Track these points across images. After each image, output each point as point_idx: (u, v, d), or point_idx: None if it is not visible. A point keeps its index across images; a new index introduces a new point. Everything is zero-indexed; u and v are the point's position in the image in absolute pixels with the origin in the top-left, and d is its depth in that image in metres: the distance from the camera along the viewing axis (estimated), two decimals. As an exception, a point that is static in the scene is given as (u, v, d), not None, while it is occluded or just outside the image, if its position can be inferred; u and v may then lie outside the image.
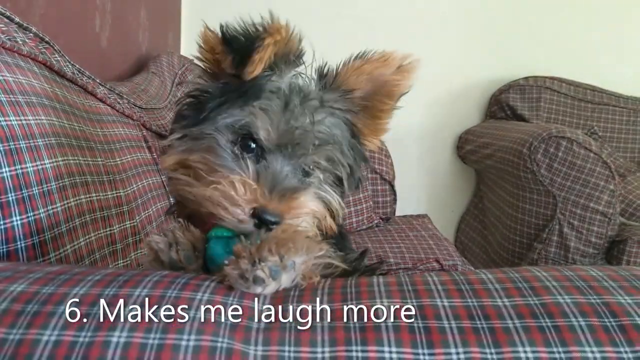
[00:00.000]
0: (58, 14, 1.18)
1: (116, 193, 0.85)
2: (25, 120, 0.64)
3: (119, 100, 1.08)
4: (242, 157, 0.57)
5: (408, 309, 0.40)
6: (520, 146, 1.98)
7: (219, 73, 0.60)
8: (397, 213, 2.11)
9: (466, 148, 2.41)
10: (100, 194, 0.79)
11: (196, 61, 0.63)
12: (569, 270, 0.45)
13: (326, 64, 0.63)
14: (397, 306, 0.40)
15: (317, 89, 0.61)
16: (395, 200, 2.06)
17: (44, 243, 0.63)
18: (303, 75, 0.62)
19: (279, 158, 0.57)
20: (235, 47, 0.56)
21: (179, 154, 0.59)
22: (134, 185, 0.96)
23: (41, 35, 0.83)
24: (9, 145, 0.60)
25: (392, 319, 0.39)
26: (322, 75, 0.62)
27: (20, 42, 0.72)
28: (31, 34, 0.80)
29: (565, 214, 1.96)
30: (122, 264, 0.83)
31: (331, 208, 0.62)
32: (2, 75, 0.63)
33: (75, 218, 0.70)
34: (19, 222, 0.60)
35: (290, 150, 0.57)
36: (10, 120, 0.61)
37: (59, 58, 0.85)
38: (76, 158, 0.74)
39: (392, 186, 2.05)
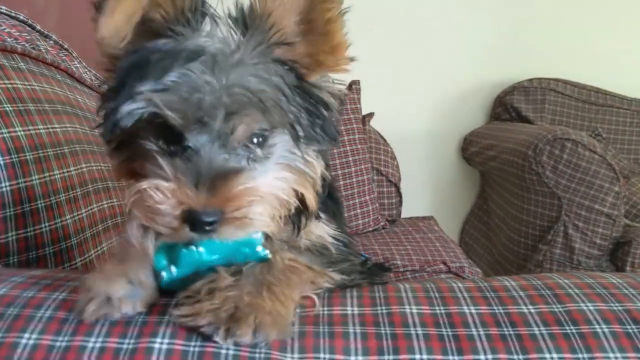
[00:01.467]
0: (71, 19, 1.19)
1: (134, 198, 0.87)
2: (52, 128, 0.65)
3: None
4: (165, 152, 0.46)
5: (436, 316, 0.41)
6: (525, 148, 2.00)
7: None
8: (402, 214, 2.12)
9: (471, 150, 2.42)
10: (122, 199, 0.80)
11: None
12: (590, 278, 0.47)
13: (238, 5, 0.49)
14: (426, 313, 0.42)
15: (235, 42, 0.47)
16: (400, 202, 2.08)
17: (70, 249, 0.64)
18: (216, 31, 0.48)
19: (203, 141, 0.45)
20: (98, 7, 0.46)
21: (122, 167, 0.50)
22: (150, 190, 0.97)
23: (60, 43, 0.84)
24: (38, 154, 0.61)
25: (421, 327, 0.40)
26: (236, 20, 0.49)
27: (44, 51, 0.74)
28: (52, 42, 0.82)
29: (570, 216, 1.97)
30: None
31: (306, 176, 0.51)
32: (30, 85, 0.65)
33: (99, 223, 0.72)
34: (47, 229, 0.61)
35: (212, 124, 0.45)
36: (39, 129, 0.63)
37: (77, 65, 0.87)
38: (97, 164, 0.75)
39: (397, 188, 2.06)
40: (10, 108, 0.60)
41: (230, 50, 0.46)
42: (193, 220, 0.43)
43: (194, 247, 0.46)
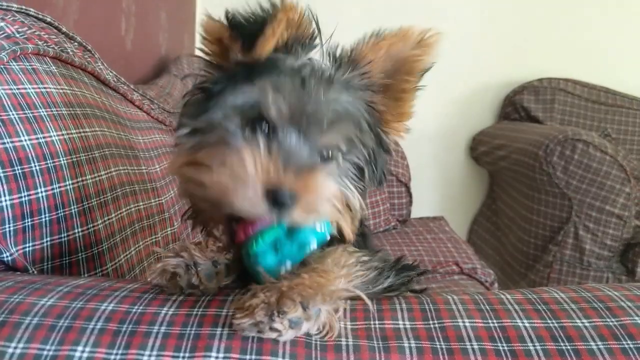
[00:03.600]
0: (89, 19, 1.19)
1: (158, 200, 0.86)
2: (83, 132, 0.65)
3: (151, 105, 1.08)
4: (253, 138, 0.51)
5: (490, 330, 0.41)
6: (536, 148, 1.99)
7: (225, 64, 0.55)
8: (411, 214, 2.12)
9: (480, 149, 2.42)
10: (146, 202, 0.80)
11: (200, 53, 0.59)
12: (639, 289, 0.46)
13: (339, 45, 0.58)
14: (480, 327, 0.41)
15: (333, 68, 0.55)
16: (411, 202, 2.07)
17: (102, 254, 0.64)
18: (317, 59, 0.56)
19: (293, 136, 0.51)
20: (244, 29, 0.52)
21: (187, 153, 0.54)
22: (171, 192, 0.97)
23: (84, 44, 0.84)
24: (72, 158, 0.61)
25: (476, 342, 0.40)
26: (336, 55, 0.57)
27: (71, 53, 0.73)
28: (76, 43, 0.81)
29: (581, 217, 1.97)
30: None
31: (350, 205, 0.55)
32: (62, 88, 0.64)
33: (127, 228, 0.71)
34: (80, 234, 0.61)
35: (305, 127, 0.51)
36: (72, 134, 0.62)
37: (101, 66, 0.86)
38: (125, 167, 0.75)
39: (408, 188, 2.06)
40: (45, 112, 0.59)
41: (332, 75, 0.54)
42: (275, 197, 0.46)
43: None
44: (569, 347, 0.39)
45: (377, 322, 0.43)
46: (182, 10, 2.16)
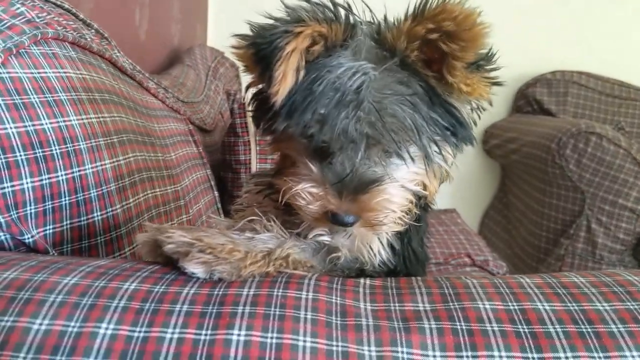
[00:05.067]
0: (104, 9, 1.19)
1: (174, 187, 0.87)
2: (102, 117, 0.65)
3: (166, 94, 1.09)
4: (313, 160, 0.56)
5: (510, 312, 0.41)
6: (549, 141, 1.98)
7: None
8: (423, 206, 2.11)
9: (492, 142, 2.41)
10: (163, 189, 0.80)
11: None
12: (660, 275, 0.46)
13: (379, 25, 0.56)
14: (500, 309, 0.41)
15: (376, 62, 0.52)
16: (423, 194, 2.07)
17: (120, 238, 0.64)
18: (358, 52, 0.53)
19: (347, 157, 0.53)
20: (260, 58, 0.52)
21: (275, 144, 0.61)
22: (186, 180, 0.97)
23: (101, 31, 0.84)
24: (91, 143, 0.61)
25: (496, 323, 0.40)
26: (376, 40, 0.54)
27: (89, 40, 0.73)
28: (93, 30, 0.82)
29: (594, 210, 1.96)
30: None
31: (430, 180, 0.60)
32: (82, 74, 0.65)
33: (144, 213, 0.72)
34: (99, 218, 0.61)
35: (357, 148, 0.53)
36: (91, 119, 0.62)
37: (117, 54, 0.86)
38: (142, 154, 0.75)
39: (419, 180, 2.05)
40: (65, 97, 0.60)
41: (372, 77, 0.51)
42: (335, 218, 0.53)
43: None
44: (589, 330, 0.39)
45: (397, 304, 0.43)
46: (195, 1, 2.16)
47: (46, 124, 0.56)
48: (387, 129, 0.51)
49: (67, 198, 0.57)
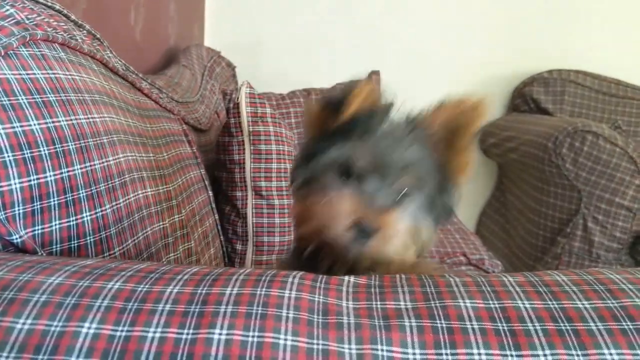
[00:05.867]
0: (98, 8, 1.19)
1: (166, 187, 0.87)
2: (92, 118, 0.65)
3: (160, 94, 1.09)
4: (344, 184, 0.67)
5: (491, 310, 0.41)
6: (545, 140, 1.99)
7: (322, 132, 0.72)
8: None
9: (489, 141, 2.41)
10: (154, 189, 0.81)
11: (304, 130, 0.79)
12: (641, 273, 0.46)
13: (412, 111, 0.73)
14: (481, 307, 0.41)
15: (405, 128, 0.70)
16: (419, 193, 2.07)
17: (109, 238, 0.65)
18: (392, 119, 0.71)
19: (376, 182, 0.66)
20: (333, 105, 0.69)
21: (299, 204, 0.72)
22: (179, 180, 0.98)
23: (93, 32, 0.84)
24: (80, 143, 0.62)
25: (476, 321, 0.40)
26: (407, 118, 0.71)
27: (80, 41, 0.74)
28: (85, 31, 0.82)
29: (590, 209, 1.96)
30: (172, 257, 0.85)
31: (419, 235, 0.69)
32: (71, 75, 0.65)
33: (135, 213, 0.72)
34: (88, 218, 0.62)
35: (385, 175, 0.66)
36: (80, 119, 0.63)
37: (110, 54, 0.87)
38: (133, 154, 0.75)
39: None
40: (54, 98, 0.60)
41: (404, 134, 0.69)
42: (359, 226, 0.63)
43: None
44: (568, 328, 0.40)
45: (379, 302, 0.43)
46: (192, 1, 2.16)
47: (34, 125, 0.57)
48: (413, 170, 0.68)
49: (55, 199, 0.58)
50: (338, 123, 0.68)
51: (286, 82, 2.13)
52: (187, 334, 0.38)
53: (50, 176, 0.57)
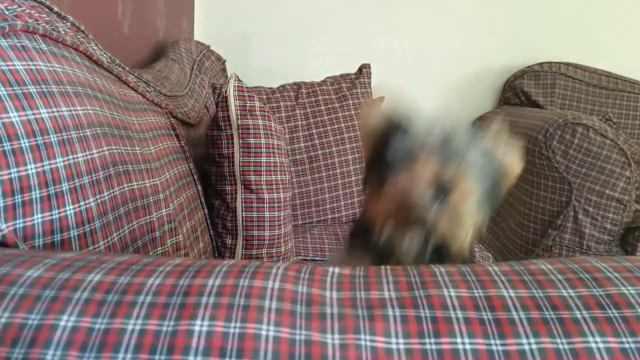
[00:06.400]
0: (85, 1, 1.18)
1: (153, 181, 0.86)
2: (74, 110, 0.64)
3: (147, 88, 1.08)
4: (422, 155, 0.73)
5: (475, 299, 0.41)
6: (536, 133, 1.99)
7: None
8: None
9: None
10: (140, 183, 0.80)
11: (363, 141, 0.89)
12: (628, 261, 0.46)
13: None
14: (465, 296, 0.41)
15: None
16: (410, 186, 2.07)
17: (94, 232, 0.64)
18: None
19: (448, 152, 0.73)
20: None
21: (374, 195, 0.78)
22: (167, 174, 0.97)
23: (77, 25, 0.83)
24: (62, 136, 0.61)
25: (461, 310, 0.40)
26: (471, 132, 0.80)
27: (63, 32, 0.73)
28: (69, 23, 0.81)
29: (581, 201, 1.97)
30: (160, 251, 0.84)
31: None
32: (53, 67, 0.64)
33: (120, 207, 0.71)
34: (71, 212, 0.61)
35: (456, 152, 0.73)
36: (62, 111, 0.62)
37: (94, 47, 0.86)
38: (118, 147, 0.75)
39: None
40: (34, 89, 0.59)
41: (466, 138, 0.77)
42: (438, 185, 0.69)
43: None
44: (553, 316, 0.39)
45: (363, 292, 0.43)
46: (180, -6, 2.15)
47: (14, 117, 0.56)
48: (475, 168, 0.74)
49: (37, 192, 0.57)
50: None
51: (276, 76, 2.12)
52: (168, 325, 0.38)
53: (32, 169, 0.56)
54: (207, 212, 1.21)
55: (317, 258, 1.61)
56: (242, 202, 1.23)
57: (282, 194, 1.27)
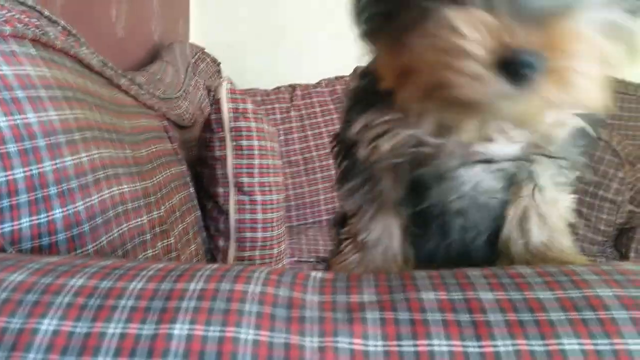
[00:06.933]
0: (77, 5, 1.19)
1: (144, 184, 0.87)
2: (63, 114, 0.65)
3: (140, 91, 1.09)
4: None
5: (453, 302, 0.42)
6: (530, 134, 1.99)
7: None
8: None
9: (475, 136, 2.42)
10: (131, 186, 0.80)
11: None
12: (607, 265, 0.47)
13: None
14: (444, 299, 0.42)
15: None
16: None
17: (82, 235, 0.64)
18: None
19: None
20: None
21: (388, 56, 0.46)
22: (159, 176, 0.97)
23: (69, 29, 0.84)
24: (50, 140, 0.61)
25: (439, 313, 0.41)
26: None
27: (53, 37, 0.73)
28: (60, 27, 0.81)
29: (574, 202, 1.97)
30: (150, 254, 0.85)
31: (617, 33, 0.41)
32: (42, 71, 0.64)
33: (110, 210, 0.72)
34: (59, 215, 0.61)
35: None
36: (51, 116, 0.62)
37: (85, 51, 0.86)
38: (108, 151, 0.75)
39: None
40: (23, 94, 0.60)
41: None
42: (512, 62, 0.34)
43: None
44: (529, 318, 0.40)
45: (344, 296, 0.43)
46: (176, -4, 2.16)
47: (2, 121, 0.56)
48: None
49: (25, 195, 0.57)
50: None
51: (271, 78, 2.12)
52: (148, 329, 0.38)
53: (19, 173, 0.57)
54: (199, 214, 1.22)
55: (312, 260, 1.62)
56: (234, 204, 1.23)
57: (275, 195, 1.27)
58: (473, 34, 0.34)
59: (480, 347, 0.38)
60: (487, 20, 0.34)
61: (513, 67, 0.34)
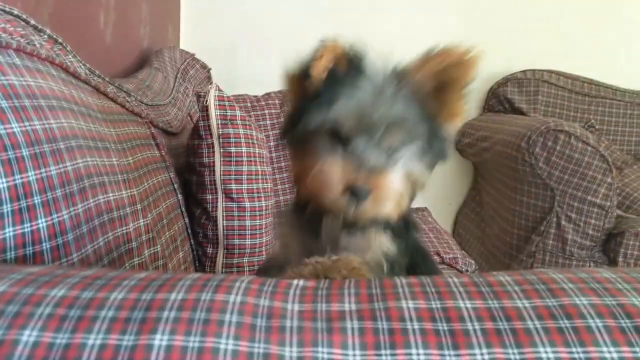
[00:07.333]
0: (65, 12, 1.19)
1: (130, 192, 0.87)
2: (48, 124, 0.65)
3: (127, 98, 1.09)
4: (333, 149, 0.67)
5: (432, 311, 0.42)
6: (519, 140, 2.01)
7: (304, 97, 0.70)
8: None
9: (464, 141, 2.44)
10: (117, 194, 0.80)
11: (287, 98, 0.78)
12: (584, 273, 0.47)
13: (396, 65, 0.71)
14: (423, 308, 0.42)
15: (388, 83, 0.68)
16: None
17: (67, 244, 0.64)
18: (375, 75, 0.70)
19: (364, 144, 0.66)
20: (303, 70, 0.69)
21: (295, 163, 0.75)
22: (145, 184, 0.98)
23: (55, 37, 0.84)
24: (34, 150, 0.61)
25: (417, 322, 0.41)
26: (394, 72, 0.70)
27: (38, 46, 0.73)
28: (46, 36, 0.82)
29: (563, 207, 1.99)
30: (137, 262, 0.85)
31: (415, 180, 0.71)
32: (25, 80, 0.65)
33: (95, 218, 0.72)
34: (44, 224, 0.61)
35: (373, 134, 0.66)
36: (35, 125, 0.62)
37: (72, 59, 0.86)
38: (94, 159, 0.75)
39: (392, 180, 2.07)
40: (6, 104, 0.60)
41: (388, 89, 0.68)
42: (352, 189, 0.64)
43: None
44: (506, 327, 0.40)
45: (324, 305, 0.44)
46: (165, 2, 2.16)
47: (-15, 131, 0.56)
48: (399, 124, 0.67)
49: (9, 205, 0.57)
50: (314, 86, 0.67)
51: (262, 84, 2.13)
52: (128, 340, 0.38)
53: (3, 183, 0.57)
54: (187, 221, 1.22)
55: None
56: (222, 211, 1.23)
57: (263, 202, 1.27)
58: (335, 174, 0.65)
59: (457, 355, 0.38)
60: (345, 168, 0.65)
61: (355, 193, 0.64)
